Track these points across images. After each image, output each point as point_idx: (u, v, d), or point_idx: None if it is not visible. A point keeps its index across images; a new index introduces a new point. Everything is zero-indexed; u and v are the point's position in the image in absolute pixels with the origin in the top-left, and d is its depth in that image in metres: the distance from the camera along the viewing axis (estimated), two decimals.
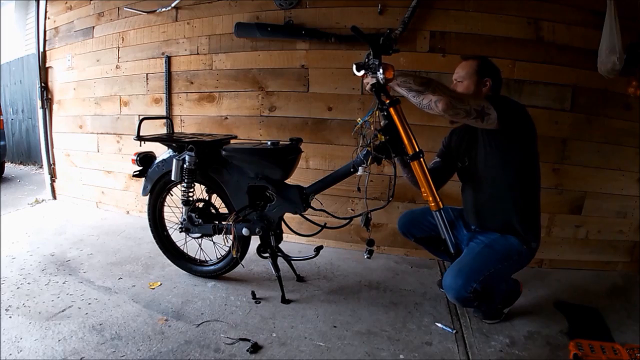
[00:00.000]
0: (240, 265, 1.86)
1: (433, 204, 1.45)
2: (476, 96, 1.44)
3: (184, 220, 1.82)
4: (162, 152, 1.87)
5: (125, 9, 2.66)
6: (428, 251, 1.81)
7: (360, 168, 1.52)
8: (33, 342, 1.40)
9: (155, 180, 1.86)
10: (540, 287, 1.90)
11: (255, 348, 1.40)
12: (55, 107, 3.21)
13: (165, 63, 2.59)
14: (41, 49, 3.17)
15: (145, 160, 1.87)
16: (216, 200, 1.89)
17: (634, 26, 1.85)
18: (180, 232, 1.85)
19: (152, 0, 2.56)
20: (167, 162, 1.80)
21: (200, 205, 1.88)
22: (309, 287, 1.86)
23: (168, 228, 1.99)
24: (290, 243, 2.25)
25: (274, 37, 2.27)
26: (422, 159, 1.43)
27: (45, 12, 3.13)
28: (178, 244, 1.98)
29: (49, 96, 3.20)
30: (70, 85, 3.07)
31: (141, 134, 1.74)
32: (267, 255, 1.77)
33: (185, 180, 1.74)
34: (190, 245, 1.95)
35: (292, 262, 1.90)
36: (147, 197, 1.93)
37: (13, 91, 5.63)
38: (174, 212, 1.93)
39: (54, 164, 3.30)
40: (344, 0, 2.14)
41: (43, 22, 3.15)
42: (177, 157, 1.72)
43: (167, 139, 1.85)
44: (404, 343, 1.46)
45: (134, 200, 2.90)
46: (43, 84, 3.16)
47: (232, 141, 1.85)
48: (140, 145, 1.78)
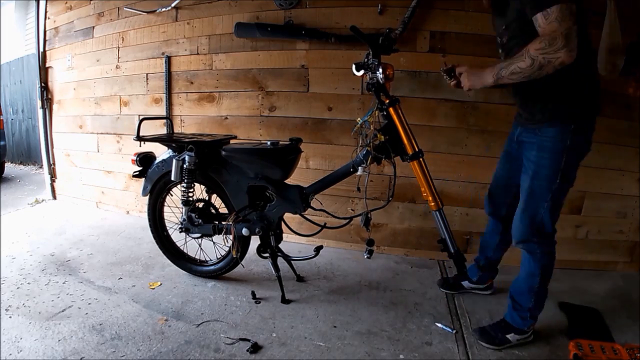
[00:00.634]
0: (240, 265, 1.86)
1: (433, 204, 1.45)
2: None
3: (184, 220, 1.82)
4: (162, 152, 1.87)
5: (125, 9, 2.66)
6: None
7: (360, 168, 1.52)
8: (33, 342, 1.41)
9: (155, 181, 1.86)
10: None
11: (255, 348, 1.40)
12: (55, 107, 3.21)
13: (165, 63, 2.59)
14: (41, 49, 3.17)
15: (145, 160, 1.87)
16: (216, 200, 1.88)
17: (634, 26, 1.85)
18: (180, 232, 1.85)
19: (152, 0, 2.56)
20: (167, 162, 1.80)
21: (200, 205, 1.88)
22: (309, 287, 1.86)
23: (168, 228, 1.99)
24: (290, 243, 2.25)
25: (274, 37, 2.27)
26: (421, 159, 1.44)
27: (45, 12, 3.13)
28: (178, 244, 1.98)
29: (49, 96, 3.20)
30: (70, 85, 3.07)
31: (141, 134, 1.74)
32: (267, 255, 1.77)
33: (185, 181, 1.74)
34: (190, 245, 1.95)
35: (292, 262, 1.90)
36: (147, 197, 1.93)
37: (13, 91, 5.63)
38: (173, 212, 1.93)
39: (54, 164, 3.30)
40: (344, 0, 2.14)
41: (43, 22, 3.15)
42: (177, 157, 1.72)
43: (167, 139, 1.85)
44: (404, 343, 1.46)
45: (134, 200, 2.90)
46: (43, 84, 3.16)
47: (232, 141, 1.85)
48: (140, 146, 1.78)
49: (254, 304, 1.71)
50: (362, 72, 1.46)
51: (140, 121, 1.74)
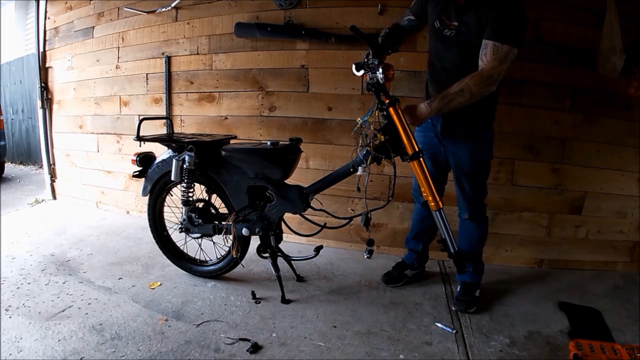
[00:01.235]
0: (240, 265, 1.86)
1: (433, 204, 1.45)
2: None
3: (184, 220, 1.82)
4: (162, 152, 1.87)
5: (125, 9, 2.66)
6: None
7: (360, 168, 1.52)
8: (33, 342, 1.41)
9: (155, 181, 1.86)
10: (540, 287, 1.90)
11: (255, 348, 1.40)
12: (55, 107, 3.21)
13: (165, 63, 2.59)
14: (41, 49, 3.17)
15: (145, 160, 1.87)
16: (216, 201, 1.88)
17: (634, 26, 1.85)
18: (180, 232, 1.85)
19: (152, 0, 2.56)
20: (167, 162, 1.80)
21: (200, 205, 1.88)
22: (309, 287, 1.86)
23: (168, 228, 1.99)
24: (290, 243, 2.25)
25: (274, 37, 2.27)
26: (421, 159, 1.44)
27: (45, 12, 3.13)
28: (178, 244, 1.98)
29: (49, 96, 3.20)
30: (70, 85, 3.07)
31: (141, 134, 1.74)
32: (267, 255, 1.77)
33: (185, 181, 1.74)
34: (190, 245, 1.95)
35: (292, 262, 1.90)
36: (147, 197, 1.93)
37: (13, 91, 5.63)
38: (173, 212, 1.93)
39: (54, 164, 3.29)
40: (344, 0, 2.14)
41: (43, 22, 3.14)
42: (176, 158, 1.72)
43: (167, 139, 1.85)
44: (404, 343, 1.46)
45: (134, 200, 2.90)
46: (43, 84, 3.16)
47: (232, 141, 1.85)
48: (140, 146, 1.78)
49: (254, 304, 1.71)
50: (362, 72, 1.46)
51: (140, 121, 1.74)
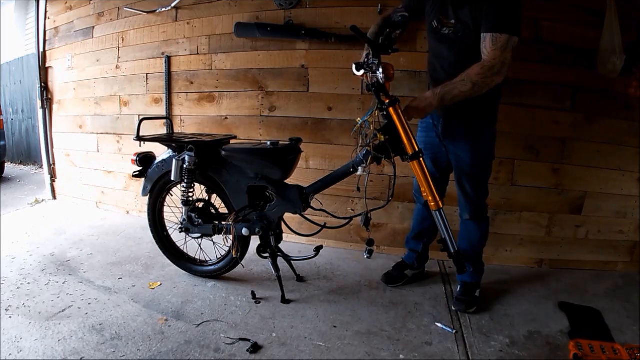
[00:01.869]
0: (240, 265, 1.86)
1: (433, 204, 1.45)
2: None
3: (184, 220, 1.82)
4: (162, 152, 1.87)
5: (125, 9, 2.66)
6: None
7: (359, 168, 1.52)
8: (33, 342, 1.41)
9: (155, 181, 1.86)
10: (540, 287, 1.90)
11: (255, 348, 1.40)
12: (55, 107, 3.21)
13: (165, 63, 2.59)
14: (41, 49, 3.16)
15: (145, 160, 1.87)
16: (216, 201, 1.88)
17: (634, 26, 1.85)
18: (180, 232, 1.85)
19: (152, 0, 2.56)
20: (167, 162, 1.80)
21: (200, 205, 1.88)
22: (309, 287, 1.86)
23: (168, 228, 1.99)
24: (290, 243, 2.25)
25: (274, 37, 2.27)
26: (421, 159, 1.43)
27: (45, 12, 3.13)
28: (178, 244, 1.98)
29: (49, 96, 3.20)
30: (70, 85, 3.07)
31: (141, 134, 1.74)
32: (267, 255, 1.77)
33: (185, 181, 1.74)
34: (190, 245, 1.95)
35: (292, 262, 1.90)
36: (147, 197, 1.93)
37: (13, 91, 5.63)
38: (173, 212, 1.93)
39: (54, 164, 3.29)
40: (344, 0, 2.14)
41: (43, 22, 3.14)
42: (176, 158, 1.72)
43: (167, 139, 1.85)
44: (404, 343, 1.46)
45: (134, 200, 2.90)
46: (43, 84, 3.16)
47: (232, 141, 1.85)
48: (140, 146, 1.78)
49: (254, 304, 1.71)
50: (362, 72, 1.46)
51: (141, 121, 1.74)
